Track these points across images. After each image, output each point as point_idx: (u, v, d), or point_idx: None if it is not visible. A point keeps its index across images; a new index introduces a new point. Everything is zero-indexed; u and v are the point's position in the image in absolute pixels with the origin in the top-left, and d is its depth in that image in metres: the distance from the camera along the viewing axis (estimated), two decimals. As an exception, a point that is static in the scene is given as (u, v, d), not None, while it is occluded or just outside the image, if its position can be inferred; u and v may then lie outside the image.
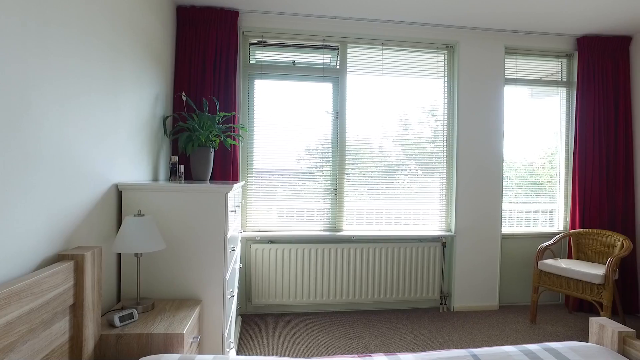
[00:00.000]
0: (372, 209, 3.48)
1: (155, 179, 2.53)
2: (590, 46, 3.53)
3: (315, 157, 3.41)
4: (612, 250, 3.24)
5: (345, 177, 3.41)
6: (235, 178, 3.04)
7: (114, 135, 1.88)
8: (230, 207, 2.10)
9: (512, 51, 3.62)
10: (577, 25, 3.37)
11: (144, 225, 1.69)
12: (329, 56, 3.38)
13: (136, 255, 1.78)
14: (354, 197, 3.44)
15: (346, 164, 3.40)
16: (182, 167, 2.54)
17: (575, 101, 3.57)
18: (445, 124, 3.54)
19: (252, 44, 3.29)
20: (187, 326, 1.64)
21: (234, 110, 3.06)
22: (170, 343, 1.57)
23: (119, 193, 1.95)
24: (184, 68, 2.96)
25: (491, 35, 3.48)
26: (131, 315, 1.62)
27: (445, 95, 3.53)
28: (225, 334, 2.04)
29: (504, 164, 3.71)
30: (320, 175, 3.40)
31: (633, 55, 3.59)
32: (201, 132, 2.55)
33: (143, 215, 1.73)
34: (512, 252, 3.66)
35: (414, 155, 3.55)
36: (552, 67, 3.78)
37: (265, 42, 3.28)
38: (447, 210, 3.54)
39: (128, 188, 1.94)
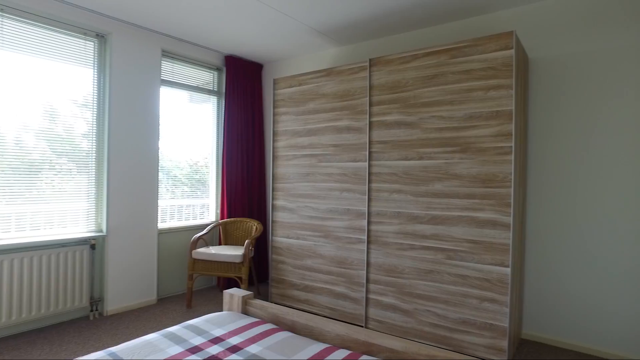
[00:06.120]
0: (6, 215, 2.80)
1: None
2: (235, 65, 4.21)
3: None
4: (250, 233, 3.98)
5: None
6: None
7: None
8: None
9: (169, 55, 3.81)
10: (224, 45, 3.94)
11: None
12: None
13: None
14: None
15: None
16: None
17: (224, 109, 4.16)
18: (96, 118, 3.30)
19: None
20: None
21: None
22: None
23: None
24: None
25: (148, 35, 3.53)
26: None
27: (96, 87, 3.29)
28: None
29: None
30: None
31: (264, 79, 4.57)
32: None
33: None
34: (171, 246, 3.86)
35: (65, 152, 3.12)
36: (207, 77, 4.25)
37: None
38: (97, 209, 3.31)
39: None
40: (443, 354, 1.44)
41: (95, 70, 3.27)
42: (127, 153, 3.40)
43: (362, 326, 3.04)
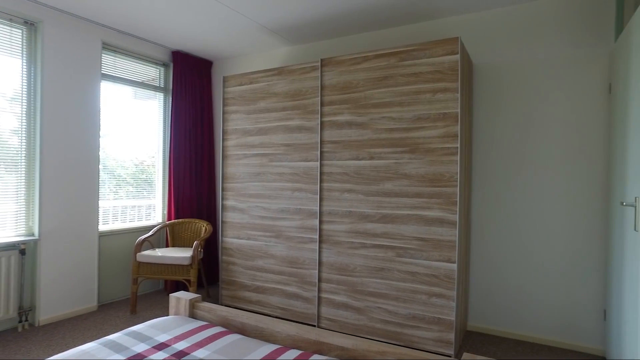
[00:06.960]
0: None
1: None
2: (183, 61, 4.05)
3: None
4: (199, 234, 3.84)
5: None
6: None
7: None
8: None
9: (111, 48, 3.59)
10: (171, 40, 3.77)
11: None
12: None
13: None
14: None
15: None
16: None
17: (171, 107, 3.99)
18: (26, 113, 3.03)
19: None
20: None
21: None
22: None
23: None
24: None
25: (86, 25, 3.30)
26: None
27: (25, 79, 3.02)
28: None
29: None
30: None
31: (213, 75, 4.44)
32: None
33: None
34: (114, 249, 3.63)
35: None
36: (153, 73, 4.05)
37: None
38: (27, 211, 3.04)
39: None
40: (392, 349, 1.47)
41: (24, 61, 3.00)
42: (62, 151, 3.15)
43: (314, 325, 3.03)
